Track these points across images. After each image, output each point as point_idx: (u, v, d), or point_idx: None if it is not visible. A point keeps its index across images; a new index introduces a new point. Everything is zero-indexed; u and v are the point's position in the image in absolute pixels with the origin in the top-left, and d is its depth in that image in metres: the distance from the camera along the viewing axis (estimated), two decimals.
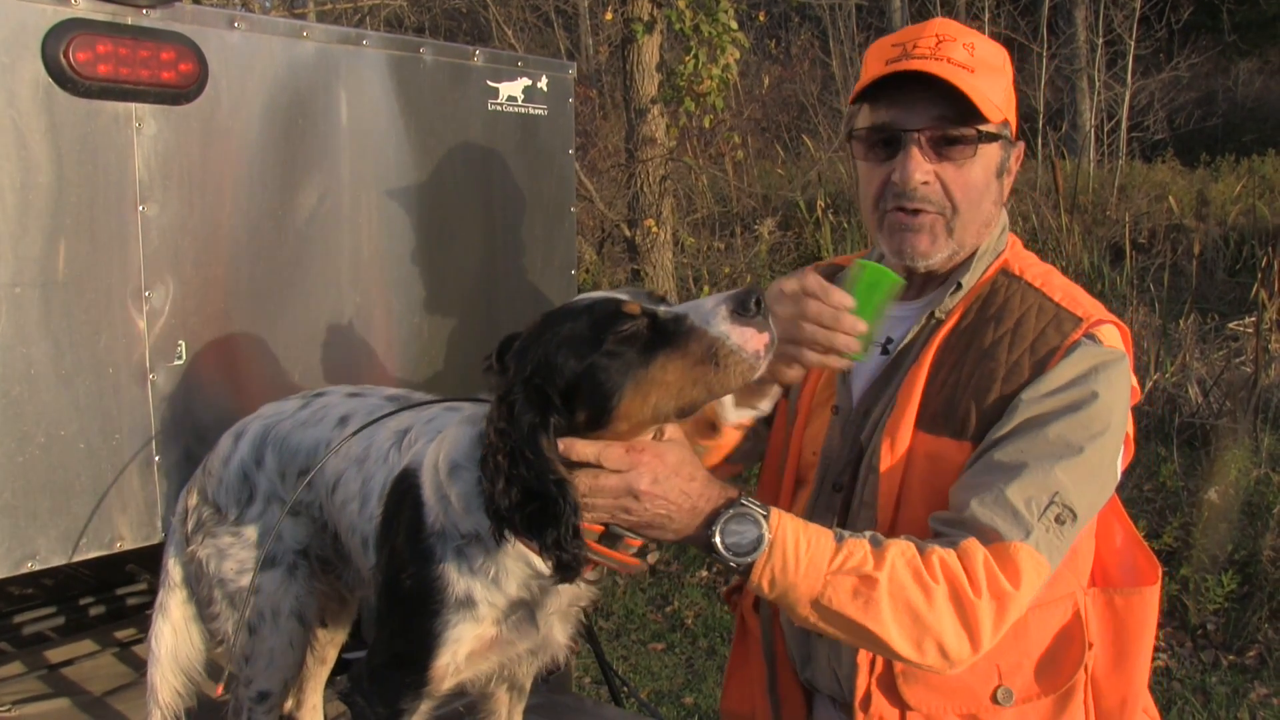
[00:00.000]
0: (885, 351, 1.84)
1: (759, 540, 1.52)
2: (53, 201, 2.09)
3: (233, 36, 2.33)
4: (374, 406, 2.08)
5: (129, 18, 2.16)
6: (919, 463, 1.70)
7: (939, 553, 1.56)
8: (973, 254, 1.80)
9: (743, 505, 1.54)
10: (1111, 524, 1.88)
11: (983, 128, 1.71)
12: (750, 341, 1.45)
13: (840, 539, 1.57)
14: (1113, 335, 1.71)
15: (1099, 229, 10.37)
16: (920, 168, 1.70)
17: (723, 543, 1.52)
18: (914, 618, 1.53)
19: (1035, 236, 9.32)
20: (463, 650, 1.75)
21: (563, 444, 1.50)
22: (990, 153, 1.75)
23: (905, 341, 1.80)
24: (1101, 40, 13.32)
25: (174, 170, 2.26)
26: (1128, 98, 13.60)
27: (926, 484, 1.70)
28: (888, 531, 1.69)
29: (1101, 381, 1.64)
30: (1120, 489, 1.77)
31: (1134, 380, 1.74)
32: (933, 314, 1.79)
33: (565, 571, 1.50)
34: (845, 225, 10.08)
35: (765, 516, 1.54)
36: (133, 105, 2.18)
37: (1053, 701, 1.74)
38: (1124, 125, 13.67)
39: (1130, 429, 1.75)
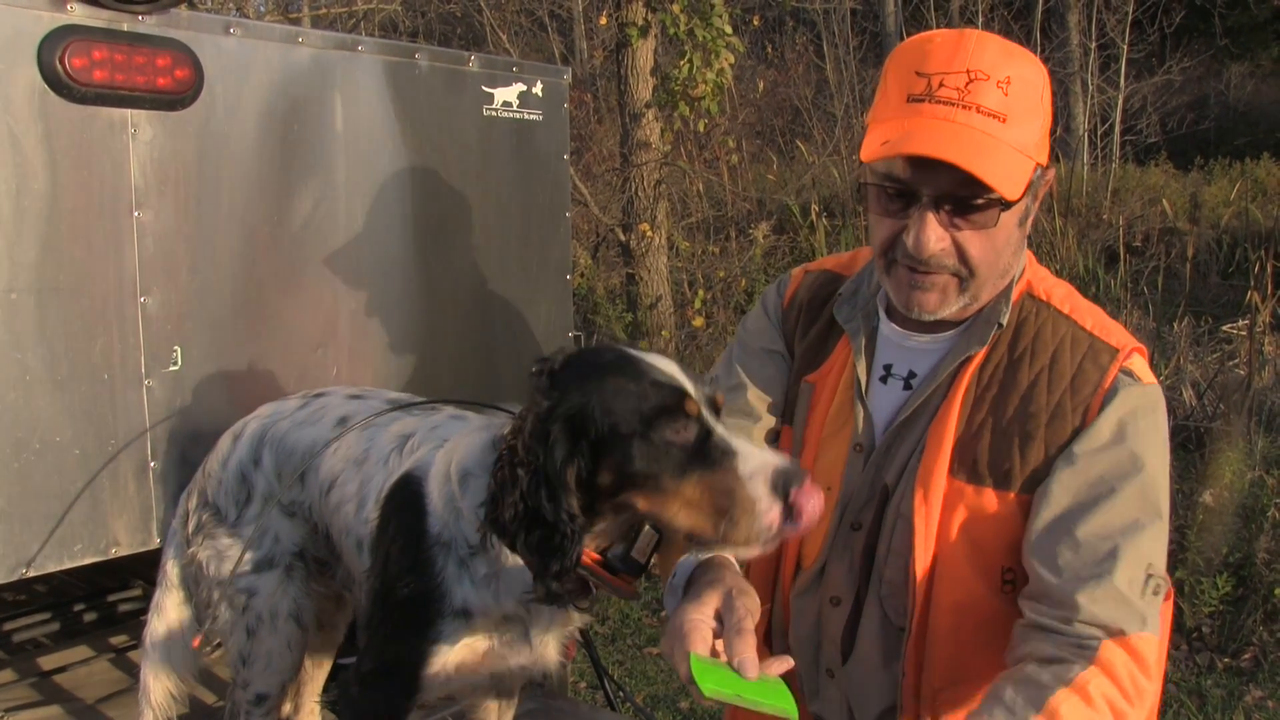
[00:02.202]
0: (908, 386, 1.73)
1: None
2: (48, 207, 2.09)
3: (228, 42, 2.33)
4: (375, 409, 2.07)
5: (124, 24, 2.16)
6: (958, 513, 1.61)
7: (1091, 680, 1.48)
8: (1005, 289, 1.68)
9: None
10: None
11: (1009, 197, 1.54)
12: (771, 513, 1.38)
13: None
14: (1144, 367, 1.64)
15: (1093, 232, 10.42)
16: (935, 235, 1.55)
17: None
18: None
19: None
20: (454, 659, 1.74)
21: None
22: (1014, 212, 1.59)
23: (933, 380, 1.68)
24: (1094, 44, 13.38)
25: (169, 176, 2.26)
26: (1121, 101, 13.67)
27: (966, 534, 1.61)
28: (922, 582, 1.62)
29: (1150, 426, 1.58)
30: None
31: None
32: (969, 357, 1.67)
33: (553, 600, 1.50)
34: (840, 229, 10.10)
35: None
36: (128, 111, 2.18)
37: None
38: (1117, 129, 13.74)
39: None
